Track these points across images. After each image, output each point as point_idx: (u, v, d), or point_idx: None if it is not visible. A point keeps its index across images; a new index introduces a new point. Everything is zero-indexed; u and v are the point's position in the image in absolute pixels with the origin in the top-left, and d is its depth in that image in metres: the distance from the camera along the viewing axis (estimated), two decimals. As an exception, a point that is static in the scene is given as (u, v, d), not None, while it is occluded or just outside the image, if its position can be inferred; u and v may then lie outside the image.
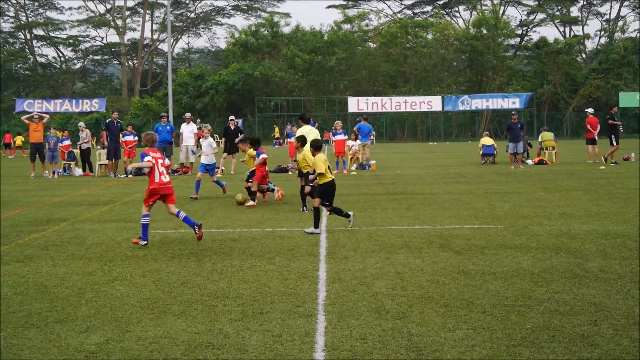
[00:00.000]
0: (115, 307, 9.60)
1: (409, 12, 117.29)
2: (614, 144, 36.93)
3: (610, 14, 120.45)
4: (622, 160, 38.08)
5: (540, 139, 40.01)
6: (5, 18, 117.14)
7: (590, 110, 40.93)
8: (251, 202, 20.80)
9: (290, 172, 33.46)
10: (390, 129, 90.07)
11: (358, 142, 35.79)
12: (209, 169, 23.41)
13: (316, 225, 15.43)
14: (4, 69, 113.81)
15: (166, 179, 14.55)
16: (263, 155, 21.27)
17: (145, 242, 14.30)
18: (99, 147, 46.89)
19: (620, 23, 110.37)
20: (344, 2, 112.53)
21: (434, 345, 7.82)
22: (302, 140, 18.72)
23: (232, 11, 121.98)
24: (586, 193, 22.56)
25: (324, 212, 17.30)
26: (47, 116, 38.58)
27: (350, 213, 16.12)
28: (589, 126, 38.66)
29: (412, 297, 9.87)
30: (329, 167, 16.15)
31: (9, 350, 7.90)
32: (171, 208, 14.62)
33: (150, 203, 14.61)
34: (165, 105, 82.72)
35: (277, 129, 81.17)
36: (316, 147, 16.57)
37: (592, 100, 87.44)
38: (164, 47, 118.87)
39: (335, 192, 16.36)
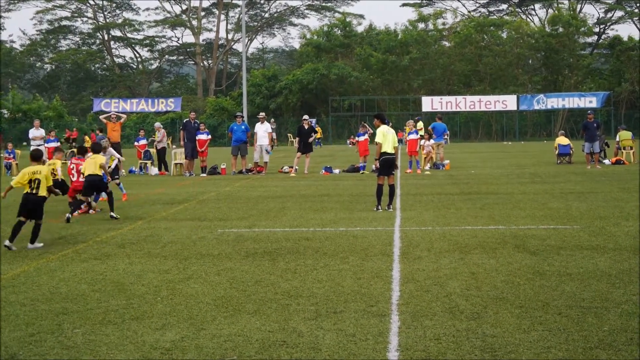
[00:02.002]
0: (190, 305, 9.70)
1: (484, 10, 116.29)
2: None
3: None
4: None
5: (617, 138, 39.34)
6: (84, 19, 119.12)
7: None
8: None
9: (362, 172, 33.46)
10: (464, 129, 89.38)
11: (432, 141, 35.61)
12: None
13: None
14: (83, 69, 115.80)
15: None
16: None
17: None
18: (174, 146, 47.42)
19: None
20: (419, 1, 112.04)
21: (509, 347, 7.76)
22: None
23: (306, 11, 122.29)
24: (665, 193, 22.16)
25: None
26: (125, 116, 39.16)
27: None
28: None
29: (487, 297, 9.80)
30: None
31: (87, 347, 8.04)
32: None
33: None
34: (239, 105, 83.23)
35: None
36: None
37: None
38: (238, 47, 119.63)
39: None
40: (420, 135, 36.50)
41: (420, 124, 46.54)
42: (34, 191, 14.45)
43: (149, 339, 8.28)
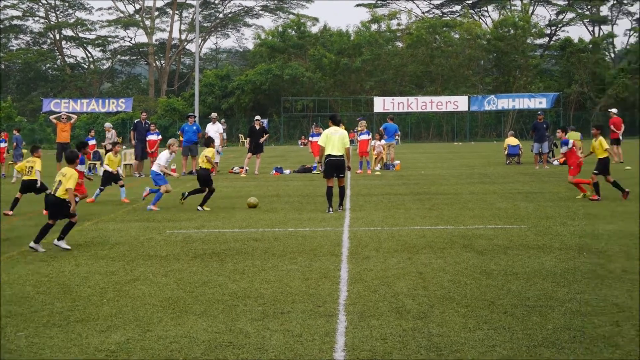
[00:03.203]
0: (136, 307, 9.65)
1: (437, 11, 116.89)
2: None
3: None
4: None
5: (566, 139, 39.73)
6: (36, 19, 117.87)
7: (613, 110, 40.74)
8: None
9: (313, 172, 33.50)
10: (415, 129, 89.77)
11: (383, 141, 35.71)
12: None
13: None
14: (33, 69, 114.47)
15: None
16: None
17: None
18: (124, 146, 47.05)
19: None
20: (373, 1, 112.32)
21: (455, 346, 7.81)
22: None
23: (260, 12, 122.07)
24: (611, 193, 22.39)
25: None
26: (75, 116, 38.85)
27: None
28: (612, 126, 38.44)
29: (434, 297, 9.86)
30: None
31: (30, 349, 7.96)
32: None
33: None
34: (191, 105, 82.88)
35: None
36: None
37: (619, 100, 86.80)
38: (191, 47, 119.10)
39: None
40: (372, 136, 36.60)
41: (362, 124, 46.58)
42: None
43: (94, 341, 8.22)
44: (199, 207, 20.21)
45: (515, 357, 7.47)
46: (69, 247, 14.19)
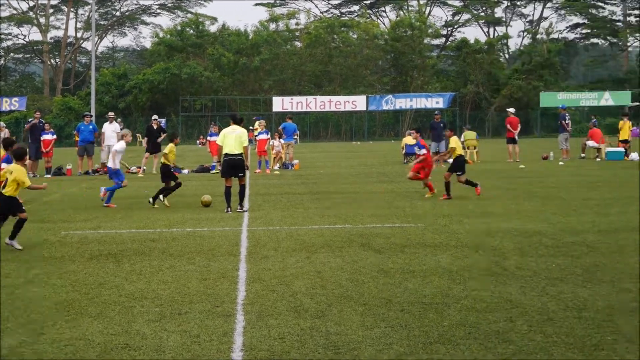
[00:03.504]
0: (30, 310, 9.46)
1: (336, 11, 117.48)
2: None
3: (533, 15, 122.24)
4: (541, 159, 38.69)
5: (462, 138, 40.33)
6: None
7: (511, 110, 41.63)
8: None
9: (212, 172, 33.36)
10: (314, 129, 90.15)
11: (282, 141, 35.75)
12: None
13: None
14: None
15: None
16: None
17: None
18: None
19: (544, 24, 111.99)
20: (272, 1, 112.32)
21: (352, 344, 7.85)
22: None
23: (158, 10, 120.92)
24: (506, 192, 22.88)
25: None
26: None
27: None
28: (509, 125, 39.25)
29: (332, 296, 9.90)
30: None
31: None
32: None
33: None
34: (87, 104, 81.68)
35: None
36: None
37: (513, 100, 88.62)
38: (87, 45, 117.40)
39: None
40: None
41: (256, 124, 46.55)
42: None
43: (-15, 345, 8.05)
44: (151, 200, 20.38)
45: (411, 354, 7.54)
46: (20, 247, 13.85)
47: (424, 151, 22.40)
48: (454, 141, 21.61)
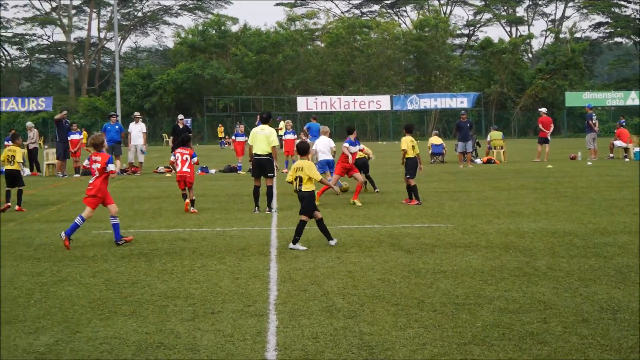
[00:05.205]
0: (64, 308, 9.52)
1: (356, 11, 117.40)
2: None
3: (555, 14, 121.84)
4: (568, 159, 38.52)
5: (489, 138, 40.30)
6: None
7: (543, 109, 41.44)
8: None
9: (239, 172, 33.44)
10: (339, 128, 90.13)
11: (308, 141, 35.71)
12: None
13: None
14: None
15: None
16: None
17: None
18: (46, 146, 46.44)
19: (567, 24, 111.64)
20: (292, 1, 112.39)
21: (385, 344, 7.85)
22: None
23: (179, 10, 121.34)
24: (534, 192, 22.79)
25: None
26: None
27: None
28: (541, 125, 39.02)
29: (363, 295, 9.90)
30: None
31: (-44, 353, 7.81)
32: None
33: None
34: (113, 104, 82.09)
35: (221, 129, 79.92)
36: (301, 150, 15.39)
37: (538, 100, 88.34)
38: (111, 45, 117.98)
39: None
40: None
41: (281, 124, 46.57)
42: None
43: (22, 343, 8.09)
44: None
45: (445, 354, 7.52)
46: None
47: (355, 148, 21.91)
48: (404, 142, 20.54)
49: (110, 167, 14.43)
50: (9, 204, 20.11)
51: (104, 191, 14.51)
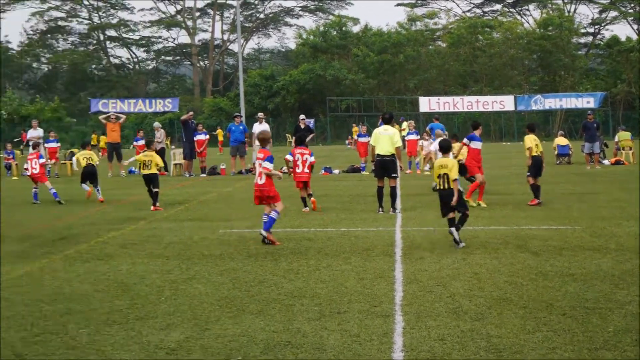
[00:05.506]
0: (193, 305, 9.70)
1: (478, 10, 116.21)
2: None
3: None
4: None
5: (617, 139, 39.35)
6: (79, 20, 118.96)
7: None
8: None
9: (362, 173, 33.50)
10: (462, 129, 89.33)
11: (431, 141, 35.58)
12: None
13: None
14: (80, 70, 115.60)
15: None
16: None
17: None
18: (173, 146, 47.39)
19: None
20: (413, 1, 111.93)
21: (514, 347, 7.75)
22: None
23: (300, 12, 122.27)
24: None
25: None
26: (124, 116, 39.19)
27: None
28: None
29: (490, 298, 9.80)
30: None
31: (92, 346, 8.02)
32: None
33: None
34: (237, 105, 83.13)
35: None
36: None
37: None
38: (234, 47, 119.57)
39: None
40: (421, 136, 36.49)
41: (404, 125, 46.38)
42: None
43: (154, 339, 8.27)
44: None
45: (577, 359, 7.39)
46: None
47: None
48: (527, 140, 20.42)
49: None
50: (158, 207, 20.82)
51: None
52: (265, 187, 14.56)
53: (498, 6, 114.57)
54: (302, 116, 37.32)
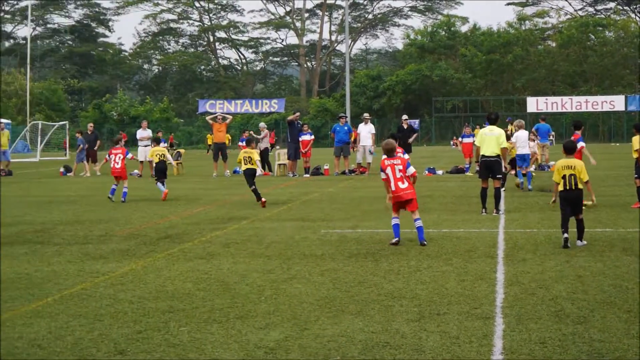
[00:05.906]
0: (293, 305, 9.75)
1: (590, 9, 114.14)
2: None
3: None
4: None
5: None
6: (190, 22, 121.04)
7: None
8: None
9: (466, 174, 33.28)
10: (569, 130, 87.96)
11: (537, 142, 35.11)
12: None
13: None
14: (189, 71, 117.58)
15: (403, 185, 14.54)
16: None
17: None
18: (277, 147, 47.86)
19: None
20: (524, 0, 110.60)
21: (617, 352, 7.59)
22: None
23: (409, 12, 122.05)
24: None
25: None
26: (230, 117, 39.67)
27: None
28: None
29: (594, 301, 9.62)
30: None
31: (192, 344, 8.14)
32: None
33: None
34: (342, 105, 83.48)
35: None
36: None
37: None
38: (341, 48, 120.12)
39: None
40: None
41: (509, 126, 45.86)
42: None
43: (253, 338, 8.35)
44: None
45: (684, 365, 7.22)
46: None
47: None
48: (635, 141, 19.97)
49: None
50: (264, 199, 21.55)
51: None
52: (408, 189, 14.44)
53: (612, 4, 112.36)
54: (404, 116, 37.28)
